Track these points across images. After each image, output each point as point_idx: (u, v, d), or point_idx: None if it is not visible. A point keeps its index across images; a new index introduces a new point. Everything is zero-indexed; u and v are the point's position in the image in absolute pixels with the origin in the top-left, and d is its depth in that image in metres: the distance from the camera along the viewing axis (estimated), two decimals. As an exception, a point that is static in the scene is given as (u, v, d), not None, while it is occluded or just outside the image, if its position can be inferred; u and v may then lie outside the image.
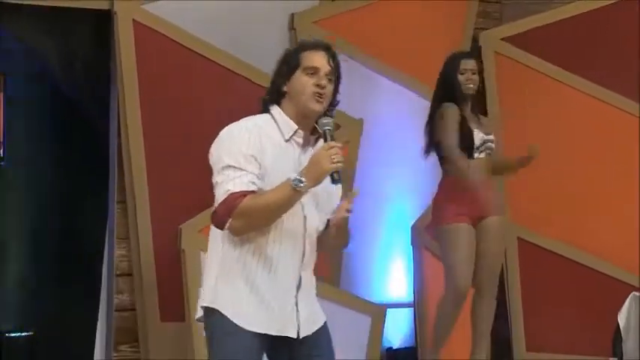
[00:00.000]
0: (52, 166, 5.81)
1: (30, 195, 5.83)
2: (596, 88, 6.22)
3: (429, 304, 5.63)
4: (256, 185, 3.15)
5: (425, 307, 5.70)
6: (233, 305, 3.20)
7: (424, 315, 5.70)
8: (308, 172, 3.10)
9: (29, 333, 5.58)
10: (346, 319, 5.42)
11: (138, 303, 5.22)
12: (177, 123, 5.27)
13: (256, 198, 3.12)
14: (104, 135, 5.36)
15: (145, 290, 5.17)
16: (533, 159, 5.15)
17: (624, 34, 6.26)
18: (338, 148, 3.11)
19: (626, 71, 6.23)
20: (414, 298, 5.73)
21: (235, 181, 3.14)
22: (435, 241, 5.42)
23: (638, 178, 6.14)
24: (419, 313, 5.76)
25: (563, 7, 6.32)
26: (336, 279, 5.66)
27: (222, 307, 3.21)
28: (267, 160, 3.18)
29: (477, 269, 5.21)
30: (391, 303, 5.83)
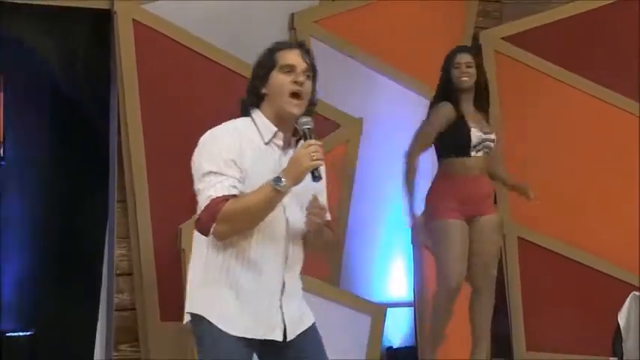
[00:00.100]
0: (52, 166, 5.81)
1: (30, 195, 5.83)
2: (596, 87, 6.22)
3: (429, 303, 5.62)
4: (238, 189, 3.15)
5: (425, 306, 5.69)
6: (218, 310, 3.20)
7: (424, 314, 5.69)
8: (288, 172, 3.10)
9: (29, 333, 5.59)
10: (346, 318, 5.42)
11: (138, 302, 5.22)
12: (177, 122, 5.27)
13: (238, 201, 3.12)
14: (104, 134, 5.36)
15: (145, 290, 5.17)
16: (524, 196, 5.30)
17: (624, 33, 6.25)
18: (317, 146, 3.11)
19: (626, 71, 6.22)
20: (414, 297, 5.72)
21: (216, 187, 3.14)
22: (427, 237, 5.41)
23: (638, 177, 6.14)
24: (419, 312, 5.75)
25: (563, 7, 6.32)
26: (336, 279, 5.66)
27: (207, 312, 3.21)
28: (247, 163, 3.18)
29: (473, 269, 5.21)
30: (391, 302, 5.83)
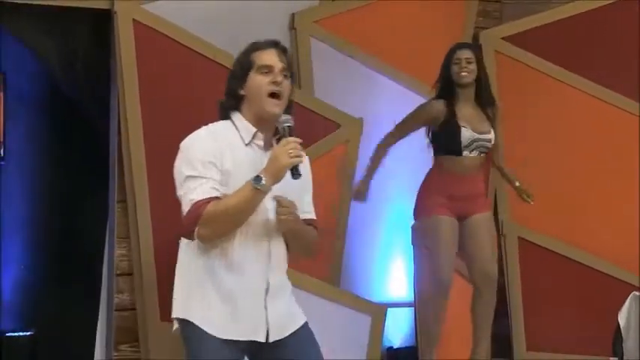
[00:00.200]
0: (52, 166, 5.82)
1: (30, 194, 5.84)
2: (597, 87, 6.22)
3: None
4: (219, 191, 3.15)
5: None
6: (202, 313, 3.22)
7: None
8: (267, 170, 3.10)
9: (29, 333, 5.60)
10: (346, 318, 5.41)
11: (138, 302, 5.21)
12: (178, 122, 5.23)
13: (220, 203, 3.13)
14: (104, 134, 5.36)
15: (146, 290, 5.16)
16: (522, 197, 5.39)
17: (624, 33, 6.25)
18: (296, 143, 3.11)
19: (626, 71, 6.22)
20: (414, 297, 5.72)
21: (197, 190, 3.16)
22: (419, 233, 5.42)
23: (638, 177, 6.14)
24: (419, 312, 5.75)
25: (563, 7, 6.31)
26: (336, 279, 5.65)
27: (193, 316, 3.23)
28: (228, 165, 3.18)
29: (471, 269, 5.21)
30: (391, 302, 5.83)
